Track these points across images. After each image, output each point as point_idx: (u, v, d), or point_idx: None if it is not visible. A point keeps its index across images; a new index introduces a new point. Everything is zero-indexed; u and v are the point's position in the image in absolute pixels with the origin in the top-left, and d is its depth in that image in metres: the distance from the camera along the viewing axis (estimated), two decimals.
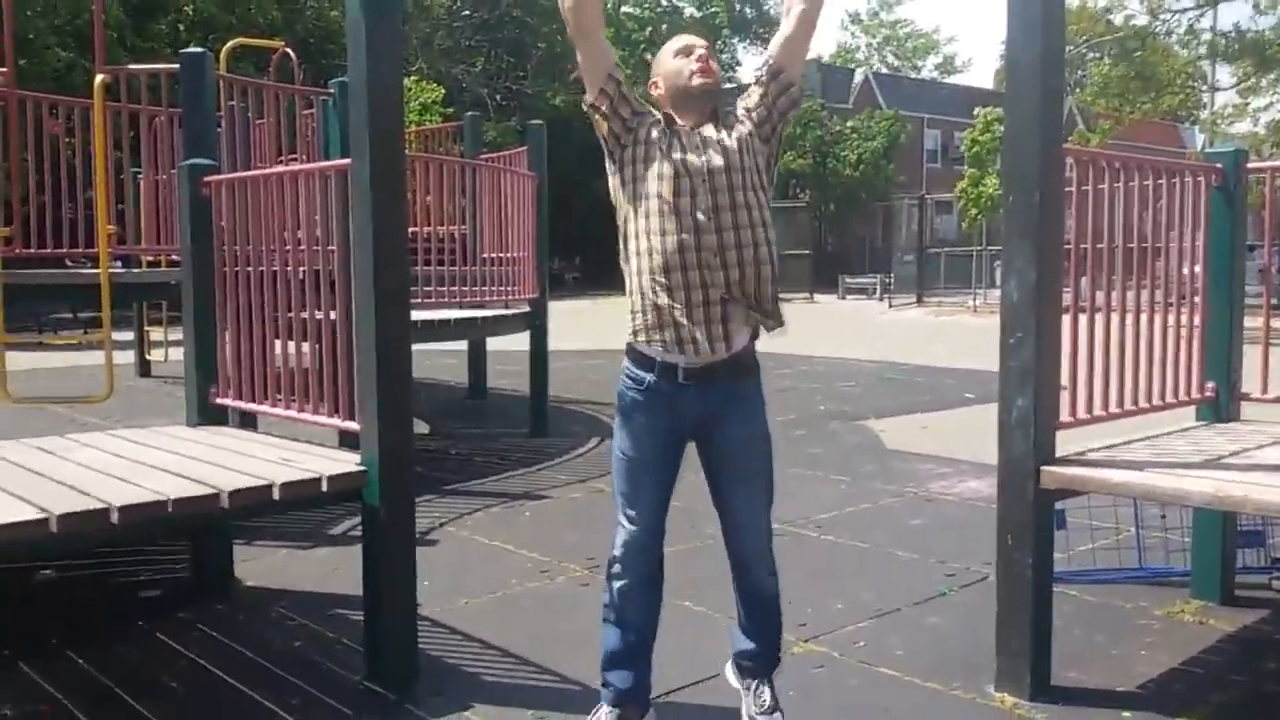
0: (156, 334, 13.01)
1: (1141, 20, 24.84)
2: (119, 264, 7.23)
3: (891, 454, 7.53)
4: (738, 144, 2.88)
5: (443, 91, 25.75)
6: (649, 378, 2.91)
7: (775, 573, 3.10)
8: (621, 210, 2.95)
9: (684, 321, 2.83)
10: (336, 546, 5.06)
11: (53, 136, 6.83)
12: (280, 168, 4.98)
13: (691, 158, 2.84)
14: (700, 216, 2.81)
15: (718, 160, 2.85)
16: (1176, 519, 4.72)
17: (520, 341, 8.51)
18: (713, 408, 2.92)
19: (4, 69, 6.32)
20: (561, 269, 35.03)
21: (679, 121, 2.92)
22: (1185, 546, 4.43)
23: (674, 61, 2.94)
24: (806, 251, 33.11)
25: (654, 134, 2.91)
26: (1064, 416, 3.45)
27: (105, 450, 3.93)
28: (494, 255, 7.87)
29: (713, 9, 43.56)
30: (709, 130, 2.90)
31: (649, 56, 37.32)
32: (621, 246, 2.97)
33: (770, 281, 2.89)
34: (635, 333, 2.91)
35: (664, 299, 2.83)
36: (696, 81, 2.90)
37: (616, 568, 3.03)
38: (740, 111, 2.98)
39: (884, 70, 56.57)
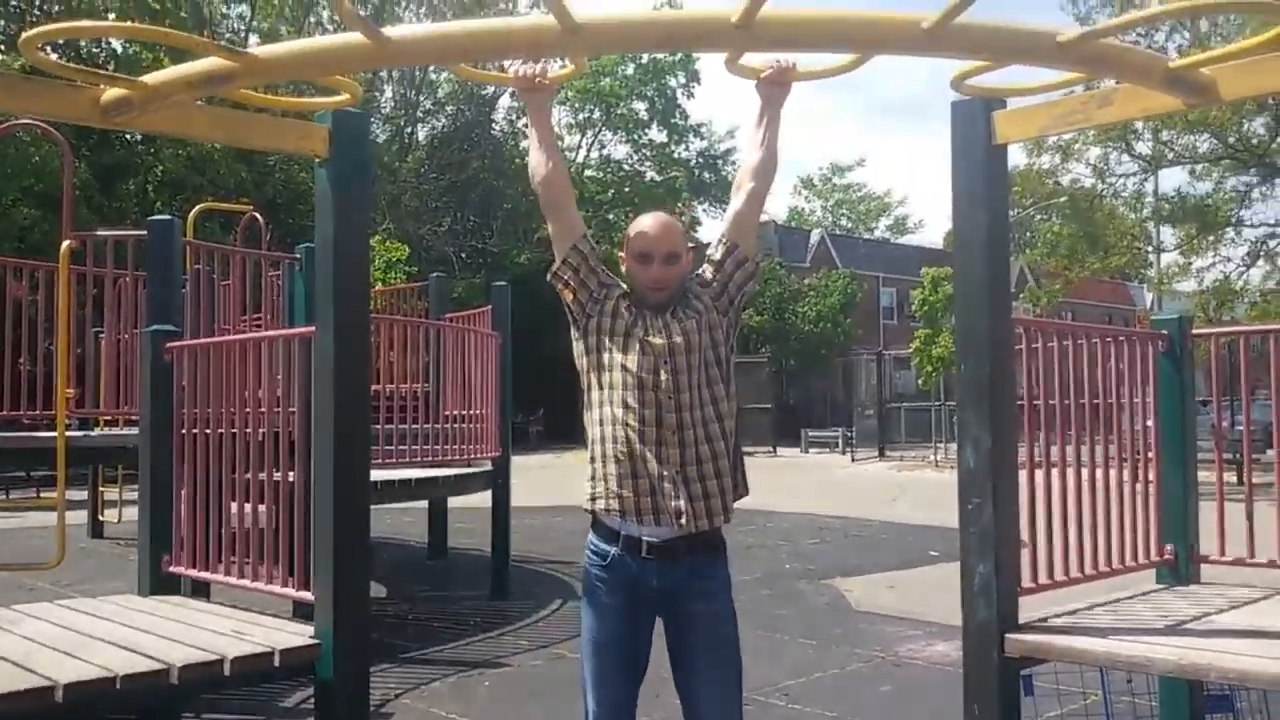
0: (111, 493, 12.78)
1: (1089, 183, 25.84)
2: (76, 423, 7.17)
3: (859, 615, 7.46)
4: (697, 324, 2.95)
5: (408, 250, 26.13)
6: (613, 551, 2.90)
7: None
8: (585, 376, 3.00)
9: (644, 495, 2.85)
10: None
11: (15, 300, 6.85)
12: (243, 335, 5.00)
13: (653, 338, 2.91)
14: (661, 395, 2.87)
15: (678, 340, 2.91)
16: (1144, 684, 4.67)
17: (483, 497, 8.43)
18: (676, 585, 2.89)
19: None
20: (525, 422, 34.98)
21: (643, 305, 3.00)
22: (1154, 712, 4.37)
23: (634, 263, 3.00)
24: (768, 405, 33.35)
25: (620, 307, 2.97)
26: (1026, 582, 3.45)
27: (53, 622, 3.82)
28: (457, 412, 7.88)
29: (673, 174, 44.87)
30: (671, 310, 2.97)
31: (611, 216, 38.02)
32: (584, 405, 3.01)
33: (726, 455, 2.93)
34: (594, 498, 2.92)
35: (626, 470, 2.86)
36: (650, 297, 2.97)
37: None
38: (698, 287, 3.05)
39: (838, 231, 58.12)
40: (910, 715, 4.90)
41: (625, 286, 3.04)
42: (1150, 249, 28.86)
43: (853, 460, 28.32)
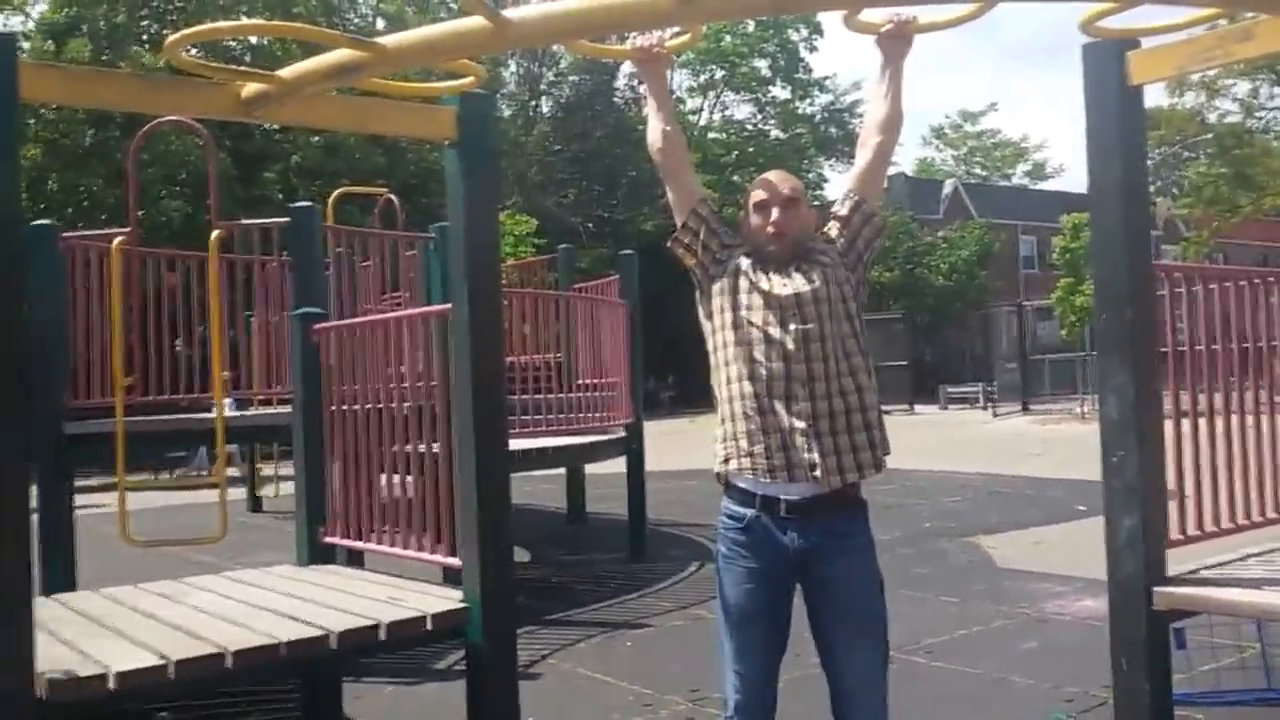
0: (267, 469, 13.39)
1: (1236, 118, 24.57)
2: (233, 402, 7.53)
3: (1002, 572, 7.34)
4: (823, 276, 2.89)
5: (535, 223, 26.46)
6: (749, 514, 2.84)
7: None
8: (711, 339, 2.98)
9: (776, 451, 2.79)
10: (442, 682, 5.09)
11: (170, 289, 7.22)
12: (385, 314, 5.18)
13: (778, 289, 2.87)
14: (790, 345, 2.81)
15: (805, 290, 2.85)
16: None
17: (618, 463, 8.56)
18: (815, 545, 2.80)
19: (128, 228, 6.74)
20: (656, 388, 35.18)
21: (765, 260, 2.98)
22: None
23: (754, 216, 2.98)
24: (904, 362, 32.73)
25: (743, 265, 2.95)
26: (1174, 534, 3.36)
27: (219, 593, 4.05)
28: (589, 381, 8.01)
29: (797, 130, 44.28)
30: (795, 264, 2.94)
31: (737, 178, 37.75)
32: (712, 370, 2.99)
33: (861, 411, 2.85)
34: (726, 459, 2.88)
35: (756, 426, 2.81)
36: (771, 247, 2.93)
37: None
38: (824, 244, 3.02)
39: (972, 180, 56.42)
40: (1057, 671, 4.82)
41: (748, 246, 3.03)
42: None
43: (994, 415, 27.67)
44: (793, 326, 2.83)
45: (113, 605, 3.91)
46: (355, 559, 4.80)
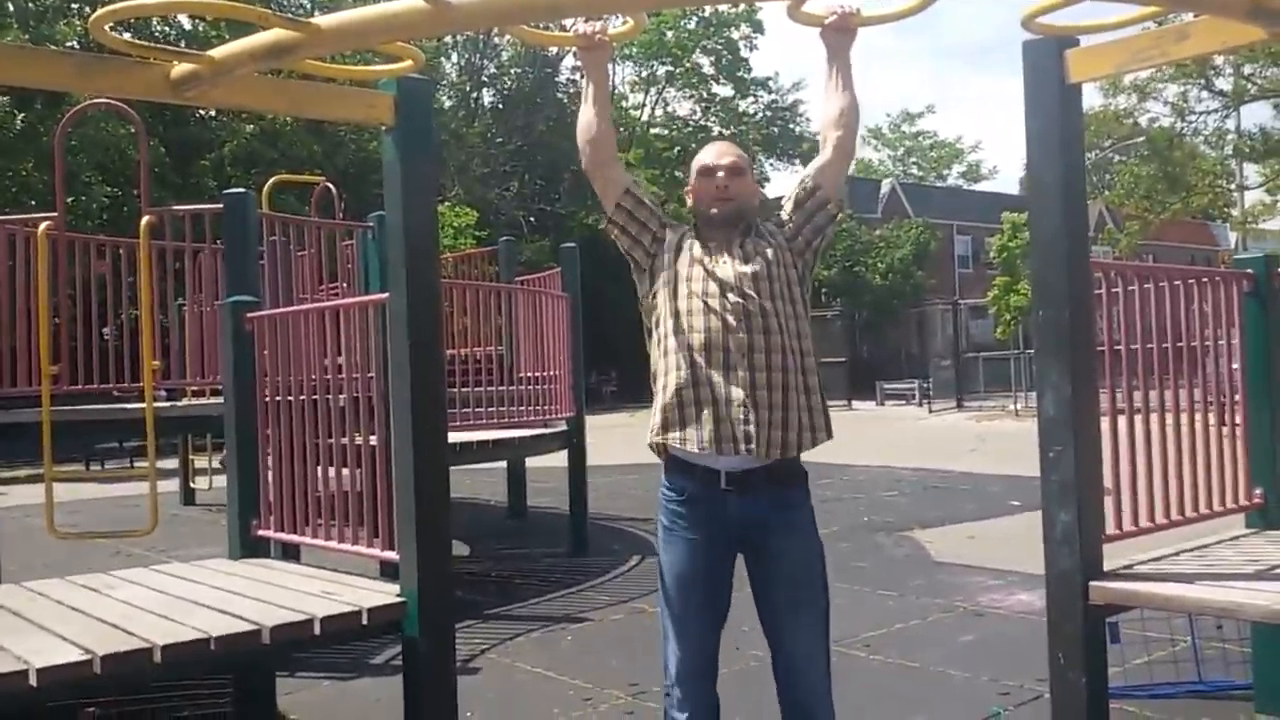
0: (200, 461, 13.14)
1: (1167, 121, 25.12)
2: (164, 393, 7.35)
3: (939, 566, 7.41)
4: (768, 256, 2.90)
5: (476, 215, 26.26)
6: (690, 485, 2.84)
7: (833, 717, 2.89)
8: (652, 316, 2.98)
9: (708, 423, 2.78)
10: (379, 677, 5.02)
11: (99, 276, 7.03)
12: (320, 303, 5.09)
13: (721, 265, 2.88)
14: (730, 317, 2.81)
15: (745, 269, 2.87)
16: (1234, 629, 4.60)
17: (560, 457, 8.51)
18: (758, 516, 2.82)
19: (54, 214, 6.55)
20: (598, 382, 35.13)
21: (709, 234, 2.98)
22: (1245, 658, 4.30)
23: (698, 181, 3.00)
24: (842, 359, 33.08)
25: (685, 242, 2.96)
26: (1110, 529, 3.40)
27: (149, 586, 3.95)
28: (531, 374, 7.95)
29: (741, 127, 44.40)
30: (740, 241, 2.94)
31: (679, 174, 37.93)
32: (651, 350, 2.97)
33: (802, 390, 2.85)
34: (665, 428, 2.85)
35: (690, 397, 2.81)
36: (715, 210, 2.95)
37: (676, 693, 2.89)
38: (773, 226, 3.02)
39: (909, 180, 57.07)
40: (993, 664, 4.88)
41: (688, 225, 3.03)
42: (1233, 188, 27.99)
43: (930, 412, 28.02)
44: (734, 299, 2.84)
45: (38, 599, 3.79)
46: (290, 553, 4.71)
